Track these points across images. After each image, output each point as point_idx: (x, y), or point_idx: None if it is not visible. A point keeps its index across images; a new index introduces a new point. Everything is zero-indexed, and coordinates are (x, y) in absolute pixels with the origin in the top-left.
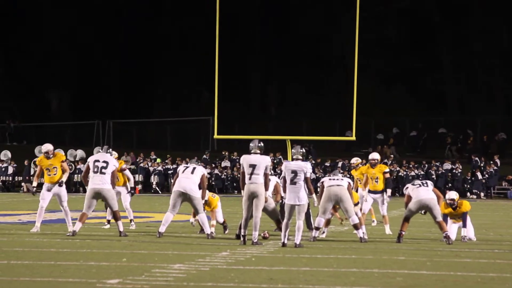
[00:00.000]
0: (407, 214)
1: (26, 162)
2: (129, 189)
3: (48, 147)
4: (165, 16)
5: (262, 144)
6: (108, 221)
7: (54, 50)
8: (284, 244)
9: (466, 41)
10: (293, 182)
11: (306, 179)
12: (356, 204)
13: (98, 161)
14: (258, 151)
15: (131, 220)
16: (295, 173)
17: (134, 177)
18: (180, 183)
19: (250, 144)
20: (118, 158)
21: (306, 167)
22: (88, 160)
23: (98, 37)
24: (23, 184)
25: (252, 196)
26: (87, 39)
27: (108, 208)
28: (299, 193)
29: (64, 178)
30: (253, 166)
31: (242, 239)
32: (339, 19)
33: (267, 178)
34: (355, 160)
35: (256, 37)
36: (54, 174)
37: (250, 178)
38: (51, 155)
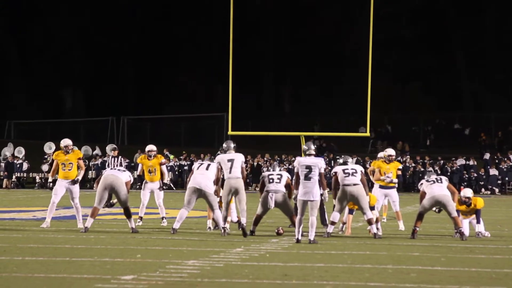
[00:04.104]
0: (421, 211)
1: (1, 158)
2: (161, 185)
3: (67, 141)
4: (179, 13)
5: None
6: (163, 218)
7: (68, 47)
8: (298, 240)
9: (481, 38)
10: (307, 178)
11: (320, 175)
12: (372, 208)
13: (114, 169)
14: (233, 151)
15: (163, 218)
16: (309, 168)
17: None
18: (195, 180)
19: (223, 145)
20: (159, 153)
21: (320, 163)
22: (103, 172)
23: (112, 34)
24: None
25: (234, 191)
26: (101, 36)
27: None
28: (313, 189)
29: (80, 176)
30: (231, 161)
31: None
32: (353, 17)
33: (244, 172)
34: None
35: (270, 34)
36: (69, 170)
37: (230, 172)
38: (70, 150)
